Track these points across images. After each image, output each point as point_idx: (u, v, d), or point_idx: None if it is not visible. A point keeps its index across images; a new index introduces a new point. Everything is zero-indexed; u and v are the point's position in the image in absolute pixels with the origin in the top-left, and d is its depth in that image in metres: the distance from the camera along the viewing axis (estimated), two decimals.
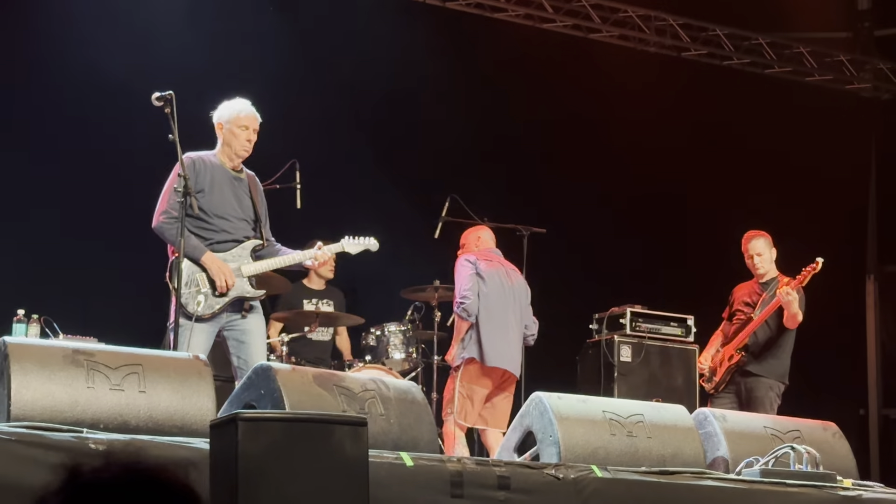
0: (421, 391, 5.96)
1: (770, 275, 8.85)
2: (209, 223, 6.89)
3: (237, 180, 7.09)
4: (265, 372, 5.37)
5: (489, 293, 8.34)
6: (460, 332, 8.35)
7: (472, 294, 8.28)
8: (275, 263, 7.11)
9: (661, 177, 11.78)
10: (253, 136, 7.07)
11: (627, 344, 10.04)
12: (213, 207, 6.90)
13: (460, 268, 8.46)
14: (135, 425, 4.94)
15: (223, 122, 7.07)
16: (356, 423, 4.47)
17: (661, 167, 11.78)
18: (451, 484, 5.03)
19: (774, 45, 13.06)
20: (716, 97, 12.39)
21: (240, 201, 7.04)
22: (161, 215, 6.77)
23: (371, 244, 7.45)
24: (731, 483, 5.84)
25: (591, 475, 5.37)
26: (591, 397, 6.46)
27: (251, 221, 7.09)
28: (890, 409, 13.04)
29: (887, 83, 13.56)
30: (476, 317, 8.28)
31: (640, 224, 11.70)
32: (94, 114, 9.75)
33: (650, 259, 11.86)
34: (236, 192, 7.04)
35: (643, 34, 12.49)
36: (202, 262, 6.76)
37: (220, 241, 6.91)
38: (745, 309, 8.83)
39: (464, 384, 8.28)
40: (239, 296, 6.86)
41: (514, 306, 8.47)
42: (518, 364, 8.43)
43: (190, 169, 6.78)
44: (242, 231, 7.03)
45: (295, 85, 10.71)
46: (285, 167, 8.07)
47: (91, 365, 4.98)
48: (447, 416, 8.33)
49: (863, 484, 6.28)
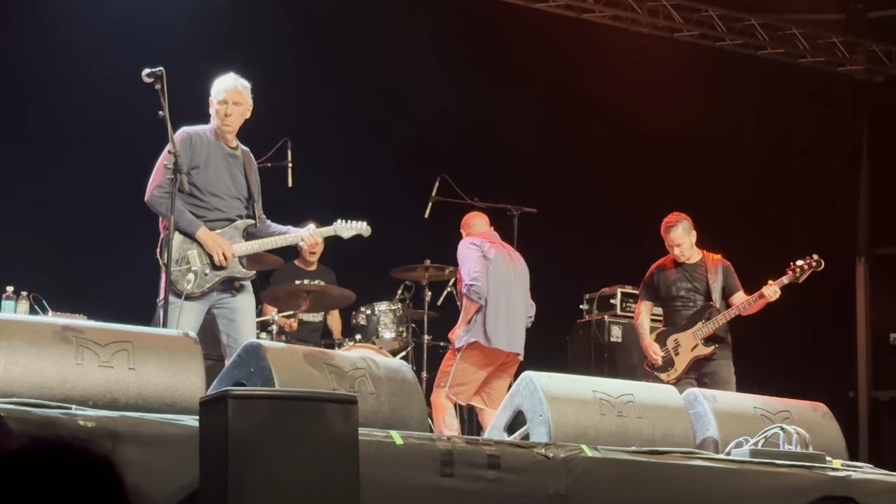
0: (411, 370, 5.95)
1: (694, 258, 8.73)
2: (203, 200, 6.83)
3: (232, 157, 7.01)
4: (255, 350, 5.35)
5: (499, 276, 8.33)
6: (468, 314, 8.30)
7: (482, 276, 8.24)
8: (266, 244, 7.05)
9: (653, 157, 11.78)
10: (232, 110, 6.95)
11: (618, 324, 10.06)
12: (207, 185, 6.84)
13: (466, 251, 8.40)
14: (124, 402, 4.92)
15: (211, 98, 7.01)
16: (346, 402, 4.46)
17: (652, 147, 11.78)
18: (441, 463, 5.02)
19: (767, 26, 13.04)
20: (707, 77, 12.37)
21: (234, 179, 6.97)
22: (154, 189, 6.70)
23: (363, 229, 7.37)
24: (721, 463, 5.84)
25: (581, 455, 5.37)
26: (581, 377, 6.46)
27: (244, 199, 7.01)
28: (879, 391, 13.07)
29: (880, 65, 13.55)
30: (486, 299, 8.26)
31: (631, 204, 11.69)
32: (84, 88, 9.71)
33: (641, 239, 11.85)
34: (230, 169, 6.97)
35: (636, 15, 12.46)
36: (197, 236, 6.71)
37: (212, 220, 6.84)
38: (689, 296, 8.65)
39: (463, 365, 8.26)
40: (229, 275, 6.81)
41: (519, 287, 8.47)
42: (522, 345, 8.41)
43: (186, 144, 6.75)
44: (235, 210, 6.96)
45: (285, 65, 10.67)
46: (277, 146, 8.05)
47: (80, 342, 4.95)
48: (438, 388, 8.31)
49: (852, 464, 6.29)
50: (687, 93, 12.01)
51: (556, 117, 11.83)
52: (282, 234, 7.09)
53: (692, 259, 8.73)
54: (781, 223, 11.69)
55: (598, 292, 10.29)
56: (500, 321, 8.26)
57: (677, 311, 8.70)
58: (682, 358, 8.55)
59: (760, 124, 12.47)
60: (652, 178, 11.75)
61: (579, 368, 9.62)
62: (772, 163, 12.40)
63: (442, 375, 8.36)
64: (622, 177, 11.93)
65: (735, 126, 12.25)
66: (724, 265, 8.73)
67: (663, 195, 11.83)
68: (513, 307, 8.36)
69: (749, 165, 12.18)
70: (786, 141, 12.48)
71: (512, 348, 8.32)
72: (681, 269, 8.73)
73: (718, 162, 11.96)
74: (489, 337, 8.22)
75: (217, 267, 6.75)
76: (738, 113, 12.27)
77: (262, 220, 7.09)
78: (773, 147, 12.46)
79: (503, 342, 8.25)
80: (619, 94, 11.67)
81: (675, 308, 8.72)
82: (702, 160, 11.91)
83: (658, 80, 12.00)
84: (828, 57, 13.36)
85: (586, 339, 10.12)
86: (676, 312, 8.70)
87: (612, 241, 11.57)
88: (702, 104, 12.05)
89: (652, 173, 11.76)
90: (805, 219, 12.25)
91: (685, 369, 8.53)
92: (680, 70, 12.30)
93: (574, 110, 11.82)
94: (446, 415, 8.23)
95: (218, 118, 6.96)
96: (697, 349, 8.52)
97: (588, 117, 11.88)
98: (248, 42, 10.33)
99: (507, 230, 9.30)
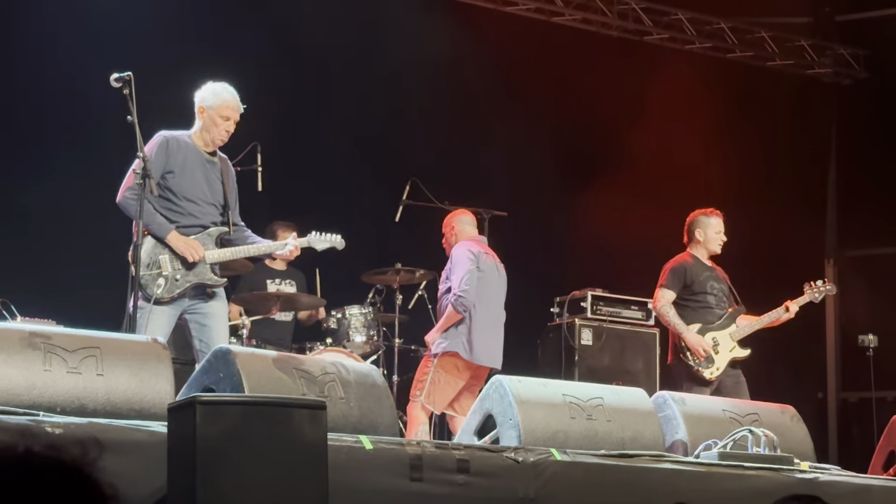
0: (381, 374, 5.96)
1: (707, 260, 8.75)
2: (177, 205, 6.82)
3: (210, 163, 6.99)
4: (224, 355, 5.34)
5: (486, 288, 8.31)
6: (449, 322, 8.26)
7: (472, 290, 8.21)
8: (240, 252, 7.04)
9: (622, 161, 11.80)
10: (233, 128, 6.98)
11: (588, 327, 10.08)
12: (183, 190, 6.82)
13: (463, 258, 8.33)
14: (92, 409, 4.90)
15: (206, 106, 6.95)
16: (315, 407, 4.46)
17: (622, 151, 11.81)
18: (411, 467, 5.02)
19: (736, 29, 13.11)
20: (677, 80, 12.41)
21: (210, 185, 6.95)
22: (126, 191, 6.67)
23: (337, 242, 7.38)
24: (690, 466, 5.87)
25: (551, 458, 5.38)
26: (551, 381, 6.47)
27: (220, 206, 6.99)
28: (848, 392, 13.15)
29: (848, 68, 13.64)
30: (469, 312, 8.25)
31: (602, 207, 11.71)
32: (51, 94, 9.67)
33: (611, 243, 11.88)
34: (208, 175, 6.95)
35: (606, 18, 12.51)
36: (168, 240, 6.69)
37: (186, 226, 6.82)
38: (721, 295, 8.65)
39: (440, 373, 8.23)
40: (200, 282, 6.80)
41: (502, 300, 8.47)
42: (500, 358, 8.41)
43: (162, 148, 6.75)
44: (210, 216, 6.94)
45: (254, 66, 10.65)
46: (247, 149, 8.04)
47: (48, 348, 4.93)
48: (414, 398, 8.29)
49: (819, 466, 6.33)
50: (655, 96, 12.05)
51: (523, 120, 11.84)
52: (255, 243, 7.08)
53: (706, 259, 8.77)
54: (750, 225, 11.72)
55: (568, 295, 10.31)
56: (486, 336, 8.24)
57: (709, 309, 8.63)
58: (722, 357, 8.51)
59: (730, 127, 12.52)
60: (622, 182, 11.77)
61: (550, 372, 9.65)
62: (741, 165, 12.44)
63: (418, 384, 8.33)
64: (592, 180, 11.94)
65: (703, 129, 12.28)
66: (725, 275, 8.79)
67: (634, 198, 11.89)
68: (497, 321, 8.38)
69: (718, 168, 12.22)
70: (754, 143, 12.53)
71: (492, 363, 8.31)
72: (707, 268, 8.73)
73: (687, 165, 11.99)
74: (472, 350, 8.19)
75: (188, 272, 6.74)
76: (706, 116, 12.31)
77: (238, 228, 7.07)
78: (741, 149, 12.51)
79: (484, 357, 8.24)
80: (588, 97, 11.69)
81: (708, 305, 8.64)
82: (671, 164, 11.95)
83: (626, 84, 12.03)
84: (796, 60, 13.45)
85: (557, 342, 10.13)
86: (709, 310, 8.63)
87: (582, 244, 11.60)
88: (670, 108, 12.08)
89: (622, 177, 11.78)
90: (774, 221, 12.31)
91: (724, 369, 8.50)
92: (649, 73, 12.33)
93: (542, 113, 11.83)
94: (420, 430, 8.16)
95: (216, 130, 6.93)
96: (735, 351, 8.56)
97: (557, 120, 11.90)
98: (216, 43, 10.31)
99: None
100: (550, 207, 11.75)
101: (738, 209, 11.20)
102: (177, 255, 6.72)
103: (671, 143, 12.05)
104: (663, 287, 8.69)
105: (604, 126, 11.81)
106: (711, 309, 8.63)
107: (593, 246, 11.65)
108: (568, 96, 11.80)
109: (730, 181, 12.16)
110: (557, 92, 11.83)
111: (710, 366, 8.47)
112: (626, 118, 11.85)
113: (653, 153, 11.91)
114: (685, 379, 8.47)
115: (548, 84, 11.92)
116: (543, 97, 11.90)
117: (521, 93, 11.98)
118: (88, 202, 8.73)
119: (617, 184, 11.79)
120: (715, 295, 8.65)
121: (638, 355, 10.19)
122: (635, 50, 12.63)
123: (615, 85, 11.96)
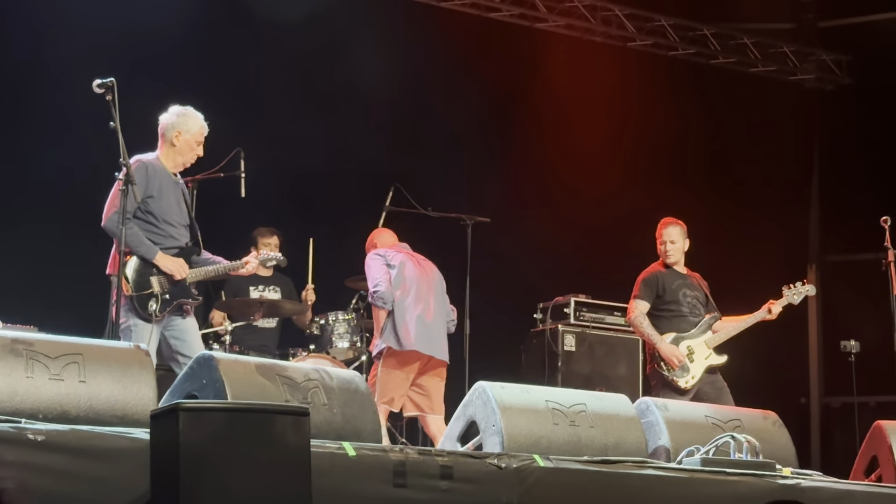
0: (365, 381, 5.95)
1: (679, 267, 8.76)
2: (160, 228, 7.05)
3: (176, 185, 7.25)
4: (207, 361, 5.34)
5: (403, 281, 8.29)
6: (379, 322, 8.28)
7: (384, 282, 8.23)
8: (209, 273, 7.29)
9: (605, 166, 11.82)
10: (201, 150, 7.27)
11: (571, 333, 10.09)
12: (163, 213, 7.06)
13: (370, 262, 8.41)
14: (75, 415, 4.89)
15: (182, 131, 7.16)
16: (298, 413, 4.46)
17: (604, 157, 11.83)
18: (394, 473, 5.02)
19: (719, 35, 13.14)
20: (659, 88, 12.44)
21: (180, 207, 7.21)
22: (112, 214, 6.78)
23: (281, 259, 8.05)
24: (672, 472, 5.87)
25: (534, 465, 5.38)
26: (534, 387, 6.47)
27: (187, 227, 7.25)
28: (831, 397, 13.19)
29: (830, 74, 13.70)
30: (392, 304, 8.25)
31: (585, 213, 11.73)
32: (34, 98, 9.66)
33: (595, 249, 11.90)
34: (178, 197, 7.21)
35: (589, 24, 12.54)
36: (156, 261, 6.93)
37: (168, 247, 7.06)
38: (695, 303, 8.65)
39: (383, 371, 8.20)
40: (186, 300, 7.08)
41: (431, 293, 8.40)
42: (443, 349, 8.33)
43: (142, 172, 6.92)
44: (184, 237, 7.21)
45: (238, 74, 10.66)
46: (230, 156, 8.04)
47: (30, 354, 4.93)
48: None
49: (801, 472, 6.34)
50: (639, 102, 12.07)
51: (507, 126, 11.86)
52: (216, 263, 7.32)
53: (679, 266, 8.76)
54: (733, 230, 11.77)
55: (551, 301, 10.31)
56: (411, 324, 8.19)
57: (683, 317, 8.63)
58: (697, 365, 8.49)
59: (714, 133, 12.56)
60: (605, 188, 11.80)
61: (533, 377, 9.64)
62: (724, 170, 12.48)
63: (372, 389, 8.34)
64: (575, 186, 11.96)
65: (687, 135, 12.32)
66: (705, 283, 8.80)
67: (616, 204, 11.92)
68: (425, 311, 8.29)
69: (701, 173, 12.25)
70: (738, 149, 12.56)
71: (430, 351, 8.24)
72: (680, 276, 8.73)
73: (670, 170, 12.02)
74: (400, 340, 8.16)
75: (175, 291, 7.01)
76: (689, 122, 12.34)
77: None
78: (725, 155, 12.54)
79: (417, 344, 8.17)
80: (571, 103, 11.71)
81: (681, 313, 8.64)
82: (654, 169, 11.97)
83: (610, 90, 12.05)
84: (779, 66, 13.50)
85: (540, 348, 10.13)
86: (683, 318, 8.63)
87: (565, 250, 11.61)
88: (654, 113, 12.11)
89: (605, 183, 11.81)
90: (757, 226, 12.34)
91: (700, 377, 8.48)
92: (632, 79, 12.36)
93: (526, 119, 11.85)
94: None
95: (190, 154, 7.19)
96: (711, 358, 8.53)
97: (540, 126, 11.91)
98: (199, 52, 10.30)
99: (461, 240, 9.31)
100: (534, 212, 11.75)
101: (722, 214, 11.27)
102: (164, 274, 6.97)
103: (653, 149, 12.06)
104: (636, 298, 8.72)
105: (585, 131, 11.81)
106: (685, 317, 8.63)
107: (577, 252, 11.67)
108: (549, 102, 11.81)
109: (711, 187, 12.20)
110: (539, 97, 11.84)
111: (684, 375, 8.46)
112: (608, 124, 11.86)
113: (634, 158, 11.93)
114: (661, 388, 8.47)
115: (532, 90, 11.92)
116: (525, 102, 11.90)
117: (505, 99, 11.98)
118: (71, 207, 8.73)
119: (599, 190, 11.82)
120: (689, 303, 8.66)
121: (621, 361, 10.20)
122: (619, 55, 12.65)
123: (596, 90, 11.97)
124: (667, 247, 8.72)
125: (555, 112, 11.83)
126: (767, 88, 13.33)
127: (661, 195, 11.65)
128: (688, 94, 12.63)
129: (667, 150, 12.15)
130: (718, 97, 12.86)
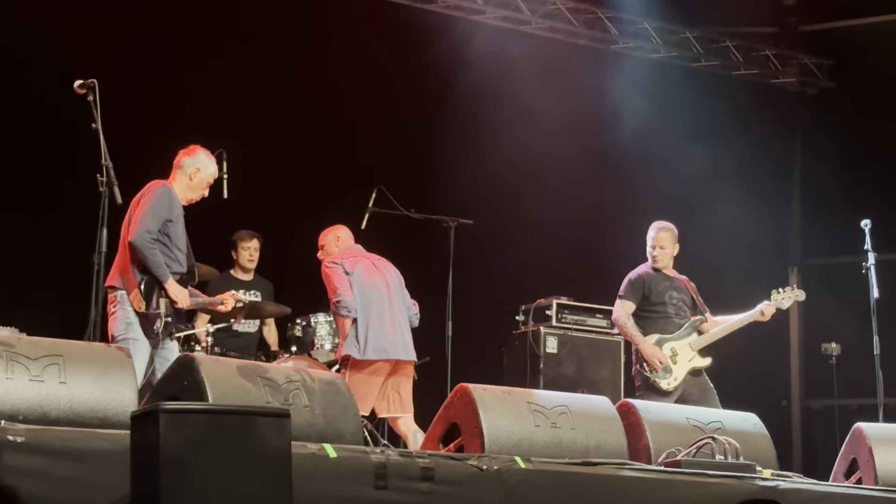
0: (346, 382, 5.95)
1: (667, 270, 8.76)
2: (173, 253, 7.21)
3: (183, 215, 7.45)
4: (188, 363, 5.33)
5: (362, 287, 8.20)
6: (345, 330, 8.17)
7: (345, 291, 8.14)
8: (201, 303, 7.74)
9: (587, 167, 11.84)
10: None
11: (553, 335, 10.09)
12: (177, 239, 7.24)
13: (327, 271, 8.27)
14: (55, 417, 4.89)
15: (202, 169, 7.43)
16: (279, 415, 4.46)
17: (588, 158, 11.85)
18: (375, 475, 5.03)
19: (701, 38, 13.18)
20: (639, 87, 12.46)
21: (185, 235, 7.37)
22: (145, 232, 6.99)
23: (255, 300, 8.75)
24: (653, 474, 5.89)
25: (515, 466, 5.39)
26: (515, 389, 6.49)
27: (187, 256, 7.41)
28: (812, 399, 13.23)
29: (812, 78, 13.75)
30: (356, 311, 8.18)
31: (568, 215, 11.74)
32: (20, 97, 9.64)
33: (577, 250, 11.91)
34: (184, 226, 7.37)
35: (572, 27, 12.56)
36: (166, 285, 7.08)
37: (176, 272, 7.20)
38: (681, 305, 8.65)
39: (353, 376, 8.10)
40: (179, 325, 7.36)
41: (389, 294, 8.33)
42: (408, 349, 8.21)
43: (166, 197, 7.15)
44: (185, 265, 7.35)
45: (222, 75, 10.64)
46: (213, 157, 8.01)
47: (10, 355, 4.93)
48: None
49: (781, 474, 6.36)
50: (621, 104, 12.09)
51: (490, 128, 11.85)
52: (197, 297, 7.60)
53: (668, 269, 8.78)
54: (715, 233, 11.77)
55: (533, 303, 10.32)
56: (375, 332, 8.13)
57: (669, 319, 8.62)
58: (680, 367, 8.48)
59: (695, 136, 12.57)
60: (588, 190, 11.81)
61: (515, 379, 9.65)
62: (705, 173, 12.49)
63: None
64: (558, 188, 11.97)
65: (668, 138, 12.33)
66: (692, 285, 8.82)
67: (600, 206, 11.94)
68: (386, 315, 8.21)
69: (683, 176, 12.27)
70: (719, 152, 12.58)
71: (395, 355, 8.13)
72: (667, 279, 8.73)
73: (653, 173, 12.03)
74: (363, 348, 8.07)
75: (176, 317, 7.22)
76: (671, 124, 12.35)
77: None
78: (706, 158, 12.56)
79: (380, 352, 8.06)
80: (554, 106, 11.71)
81: (667, 315, 8.64)
82: (636, 171, 11.98)
83: (593, 92, 12.06)
84: (761, 69, 13.54)
85: (522, 350, 10.14)
86: (668, 320, 8.62)
87: (548, 252, 11.61)
88: (636, 116, 12.12)
89: (587, 184, 11.82)
90: (738, 229, 12.36)
91: (683, 378, 8.48)
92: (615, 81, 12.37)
93: (508, 122, 11.84)
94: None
95: (199, 192, 7.47)
96: (695, 360, 8.53)
97: (522, 128, 11.91)
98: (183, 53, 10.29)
99: (444, 241, 9.31)
100: (516, 214, 11.75)
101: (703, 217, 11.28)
102: (169, 298, 7.14)
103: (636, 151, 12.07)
104: (622, 298, 8.72)
105: (568, 133, 11.82)
106: (670, 319, 8.63)
107: (559, 253, 11.67)
108: (531, 104, 11.81)
109: (694, 189, 12.22)
110: (521, 100, 11.84)
111: (667, 376, 8.45)
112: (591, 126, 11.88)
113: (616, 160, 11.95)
114: (645, 389, 8.48)
115: (516, 93, 11.92)
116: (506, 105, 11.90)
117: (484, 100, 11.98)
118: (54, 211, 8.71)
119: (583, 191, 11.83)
120: (674, 305, 8.66)
121: (603, 364, 10.22)
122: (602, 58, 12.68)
123: (581, 92, 11.98)
124: (656, 251, 8.74)
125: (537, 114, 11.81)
126: (749, 91, 13.36)
127: (641, 196, 11.69)
128: (669, 96, 12.64)
129: (648, 153, 12.15)
130: (700, 99, 12.87)
